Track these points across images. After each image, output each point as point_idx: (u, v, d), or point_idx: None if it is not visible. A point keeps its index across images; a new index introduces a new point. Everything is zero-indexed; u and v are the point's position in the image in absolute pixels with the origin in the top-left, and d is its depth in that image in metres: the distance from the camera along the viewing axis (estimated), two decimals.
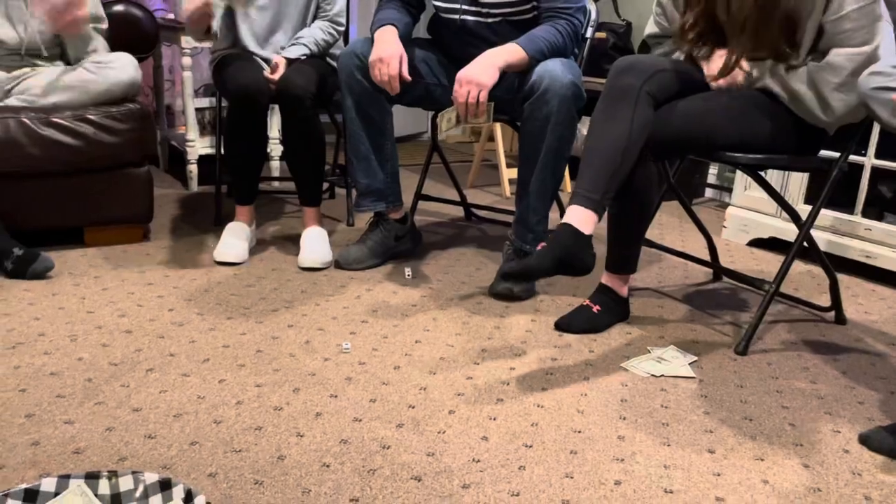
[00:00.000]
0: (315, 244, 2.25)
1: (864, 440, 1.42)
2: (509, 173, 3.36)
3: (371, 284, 2.12)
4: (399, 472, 1.25)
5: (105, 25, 2.39)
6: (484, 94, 1.91)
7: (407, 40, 2.11)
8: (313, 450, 1.30)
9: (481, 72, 1.91)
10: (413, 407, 1.47)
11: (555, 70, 1.94)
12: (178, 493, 1.07)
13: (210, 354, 1.64)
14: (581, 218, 1.64)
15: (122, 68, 2.24)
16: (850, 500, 1.25)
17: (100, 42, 2.36)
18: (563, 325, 1.89)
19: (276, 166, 3.30)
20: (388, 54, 1.98)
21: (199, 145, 3.04)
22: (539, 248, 1.65)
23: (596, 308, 1.92)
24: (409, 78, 2.01)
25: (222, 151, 2.49)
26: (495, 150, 3.45)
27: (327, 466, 1.26)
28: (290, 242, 2.44)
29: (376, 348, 1.72)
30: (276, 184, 3.26)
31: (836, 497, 1.26)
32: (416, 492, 1.20)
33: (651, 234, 2.31)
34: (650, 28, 1.97)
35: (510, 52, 1.97)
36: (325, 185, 3.07)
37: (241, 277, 2.12)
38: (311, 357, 1.66)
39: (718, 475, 1.30)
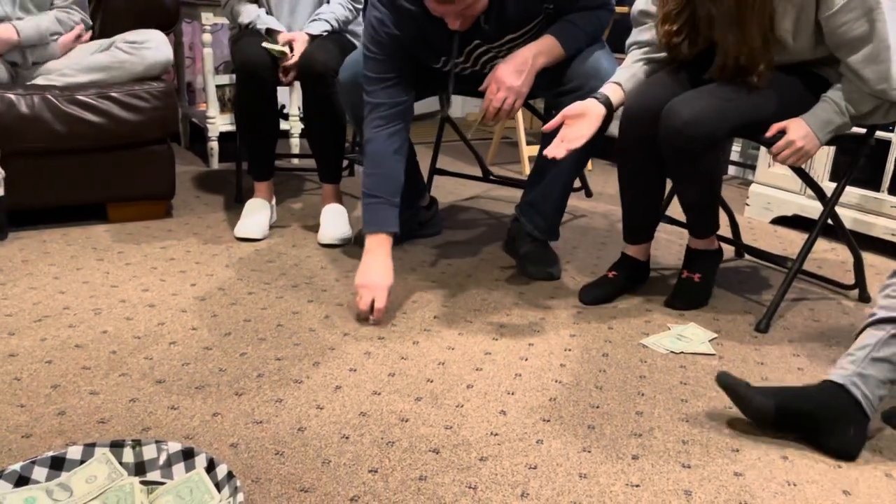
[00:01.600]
0: (335, 221, 2.26)
1: (887, 418, 1.41)
2: (529, 151, 3.34)
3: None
4: (417, 445, 1.26)
5: None
6: (520, 102, 1.79)
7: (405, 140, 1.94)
8: (333, 422, 1.32)
9: (520, 78, 1.76)
10: (431, 381, 1.48)
11: (599, 68, 1.84)
12: (200, 462, 1.09)
13: (231, 328, 1.66)
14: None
15: (157, 48, 2.26)
16: (871, 477, 1.24)
17: None
18: (582, 296, 1.92)
19: (295, 143, 3.31)
20: (375, 283, 1.73)
21: (219, 122, 3.06)
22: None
23: (612, 274, 1.93)
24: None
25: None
26: (515, 127, 3.43)
27: (346, 438, 1.27)
28: (311, 219, 2.45)
29: (395, 324, 1.73)
30: (295, 161, 3.26)
31: (857, 474, 1.25)
32: (434, 464, 1.22)
33: (673, 211, 2.29)
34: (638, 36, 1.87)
35: (548, 52, 1.81)
36: (345, 163, 3.07)
37: (261, 253, 2.13)
38: (331, 332, 1.67)
39: (737, 451, 1.30)
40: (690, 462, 1.26)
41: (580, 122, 1.71)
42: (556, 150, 1.66)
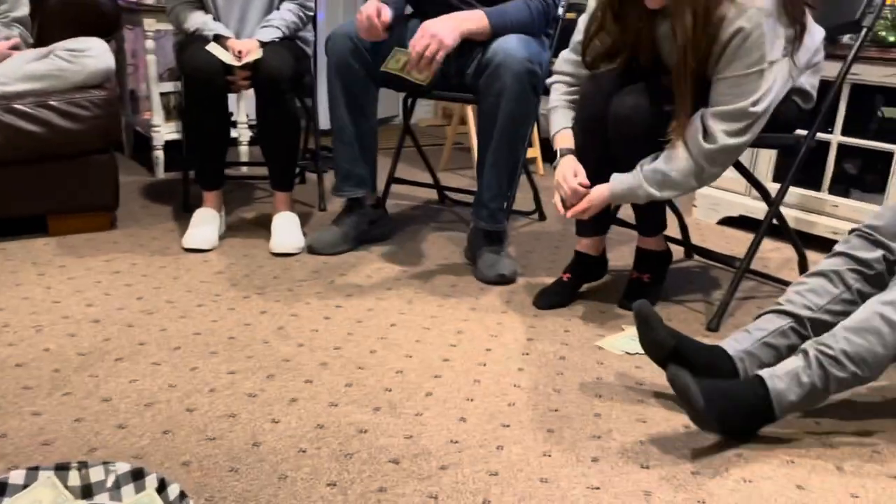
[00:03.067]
0: (287, 229, 2.22)
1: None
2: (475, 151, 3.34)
3: (345, 269, 2.10)
4: (377, 456, 1.24)
5: None
6: (441, 54, 1.89)
7: (399, 18, 2.07)
8: (289, 436, 1.29)
9: (446, 31, 1.89)
10: (390, 390, 1.46)
11: (509, 46, 1.93)
12: (150, 483, 1.05)
13: (181, 342, 1.61)
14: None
15: (98, 56, 2.20)
16: (823, 471, 1.27)
17: None
18: (537, 302, 1.92)
19: (244, 151, 3.25)
20: (368, 6, 1.94)
21: (164, 130, 2.98)
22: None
23: (566, 276, 1.95)
24: (388, 20, 1.96)
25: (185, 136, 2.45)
26: (467, 132, 3.43)
27: (304, 452, 1.24)
28: (261, 228, 2.41)
29: (351, 332, 1.70)
30: (244, 169, 3.20)
31: (809, 468, 1.28)
32: (394, 474, 1.20)
33: (623, 213, 2.31)
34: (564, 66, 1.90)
35: (475, 20, 1.97)
36: (297, 170, 3.03)
37: (210, 264, 2.08)
38: (285, 343, 1.64)
39: (694, 449, 1.31)
40: (649, 462, 1.27)
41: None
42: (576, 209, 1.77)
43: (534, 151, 3.45)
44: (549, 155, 2.98)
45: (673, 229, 2.61)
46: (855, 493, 1.21)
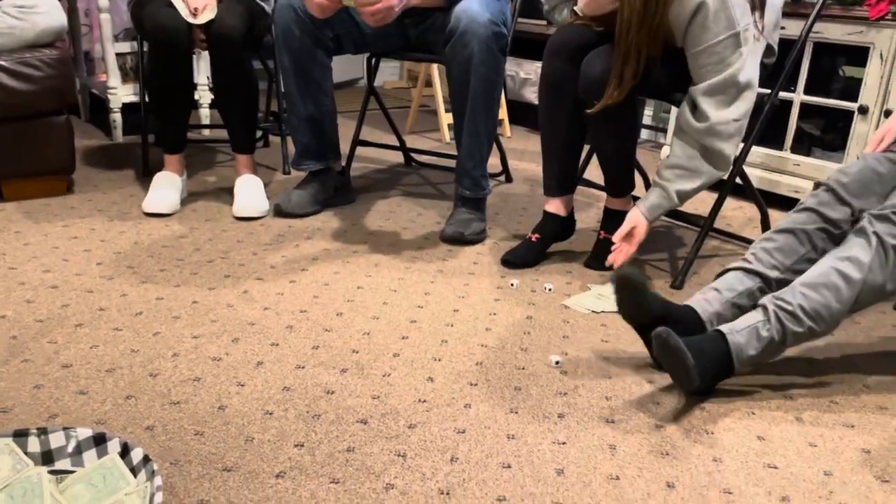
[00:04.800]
0: (250, 192, 2.18)
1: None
2: (448, 118, 3.31)
3: (310, 232, 2.08)
4: (344, 416, 1.24)
5: None
6: (388, 18, 1.75)
7: None
8: (255, 398, 1.28)
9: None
10: (357, 352, 1.45)
11: (471, 9, 1.90)
12: (113, 447, 1.03)
13: (143, 308, 1.58)
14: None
15: (49, 13, 2.11)
16: (783, 422, 1.30)
17: None
18: (505, 262, 1.92)
19: (205, 114, 3.17)
20: None
21: (121, 93, 2.89)
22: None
23: (535, 237, 1.95)
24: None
25: (146, 98, 2.38)
26: (433, 94, 3.39)
27: (270, 414, 1.24)
28: (225, 192, 2.36)
29: (317, 295, 1.69)
30: (206, 132, 3.13)
31: (770, 419, 1.31)
32: (362, 434, 1.20)
33: (589, 174, 2.32)
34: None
35: None
36: (259, 133, 2.97)
37: (173, 229, 2.04)
38: (250, 306, 1.62)
39: (658, 404, 1.34)
40: (614, 417, 1.29)
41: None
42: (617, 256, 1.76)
43: (501, 113, 3.43)
44: (516, 116, 2.99)
45: (640, 189, 2.62)
46: (813, 443, 1.25)
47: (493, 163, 2.75)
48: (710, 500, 1.09)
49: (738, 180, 2.01)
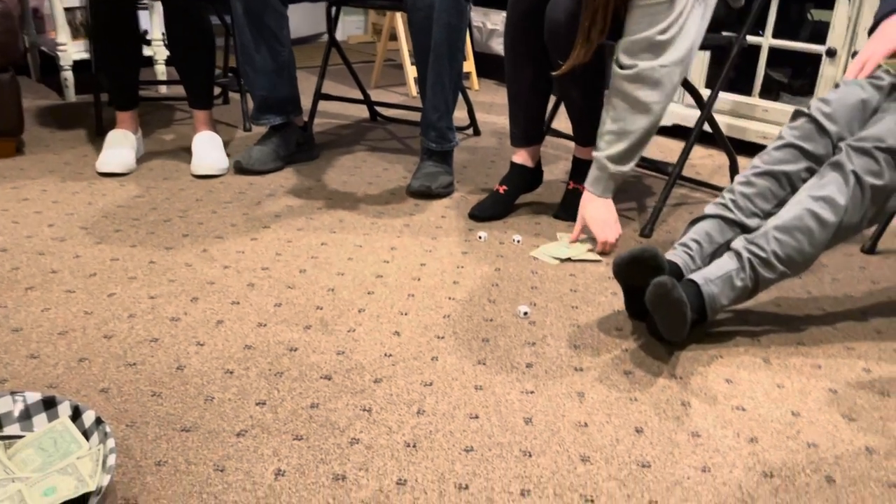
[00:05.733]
0: (208, 149, 2.11)
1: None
2: (414, 71, 3.24)
3: (272, 189, 2.02)
4: (308, 373, 1.21)
5: None
6: None
7: None
8: (215, 357, 1.24)
9: None
10: (321, 308, 1.42)
11: None
12: (64, 411, 0.99)
13: (97, 269, 1.52)
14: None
15: None
16: (750, 364, 1.30)
17: None
18: (473, 213, 1.89)
19: (161, 71, 3.06)
20: None
21: (71, 50, 2.77)
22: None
23: (502, 189, 1.91)
24: None
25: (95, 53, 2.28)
26: (398, 48, 3.31)
27: (231, 373, 1.20)
28: (183, 151, 2.29)
29: (280, 253, 1.64)
30: (163, 89, 3.03)
31: (737, 363, 1.30)
32: (326, 390, 1.17)
33: (559, 125, 2.28)
34: None
35: None
36: (218, 90, 2.88)
37: (128, 189, 1.97)
38: (210, 265, 1.57)
39: (626, 351, 1.32)
40: (582, 365, 1.27)
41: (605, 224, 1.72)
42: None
43: (468, 66, 3.36)
44: (483, 69, 2.93)
45: None
46: (781, 384, 1.24)
47: (461, 116, 2.71)
48: (678, 443, 1.08)
49: (706, 127, 1.98)
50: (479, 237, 1.77)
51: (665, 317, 1.27)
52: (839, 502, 0.98)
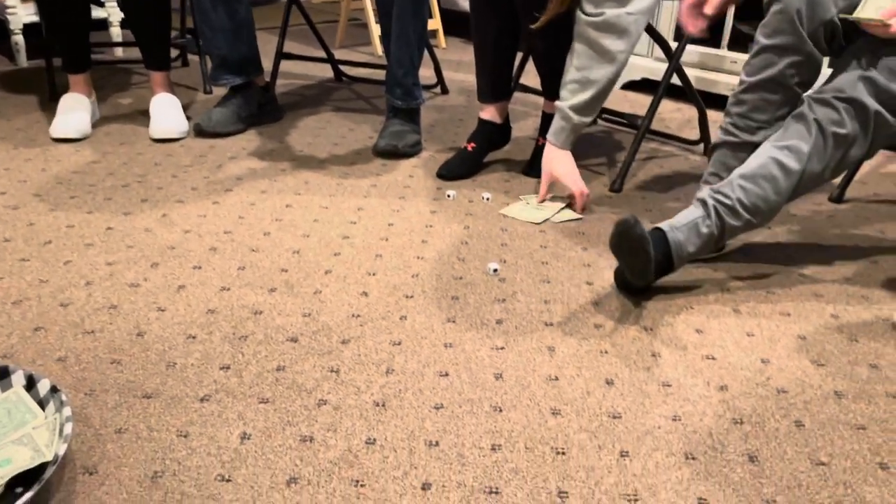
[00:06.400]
0: (167, 112, 2.04)
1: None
2: (379, 30, 3.16)
3: (234, 152, 1.96)
4: (273, 336, 1.18)
5: None
6: None
7: None
8: (177, 323, 1.21)
9: None
10: (286, 270, 1.39)
11: None
12: (17, 380, 0.96)
13: (52, 236, 1.47)
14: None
15: None
16: (721, 314, 1.30)
17: None
18: (441, 172, 1.85)
19: (116, 33, 2.95)
20: None
21: (21, 13, 2.66)
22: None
23: (470, 146, 1.88)
24: None
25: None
26: (363, 7, 3.23)
27: (193, 338, 1.17)
28: (140, 114, 2.21)
29: (243, 216, 1.60)
30: (119, 52, 2.92)
31: (707, 313, 1.30)
32: (293, 352, 1.14)
33: (527, 81, 2.24)
34: None
35: None
36: (177, 52, 2.79)
37: (84, 154, 1.90)
38: (170, 230, 1.52)
39: (597, 304, 1.31)
40: (553, 320, 1.26)
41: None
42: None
43: (434, 23, 3.29)
44: (450, 27, 2.87)
45: None
46: (750, 332, 1.24)
47: (428, 74, 2.65)
48: (648, 393, 1.08)
49: (676, 81, 1.96)
50: (448, 196, 1.74)
51: (628, 256, 1.26)
52: (808, 446, 0.99)
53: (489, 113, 1.90)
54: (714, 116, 2.38)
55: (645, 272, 1.26)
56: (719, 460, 0.96)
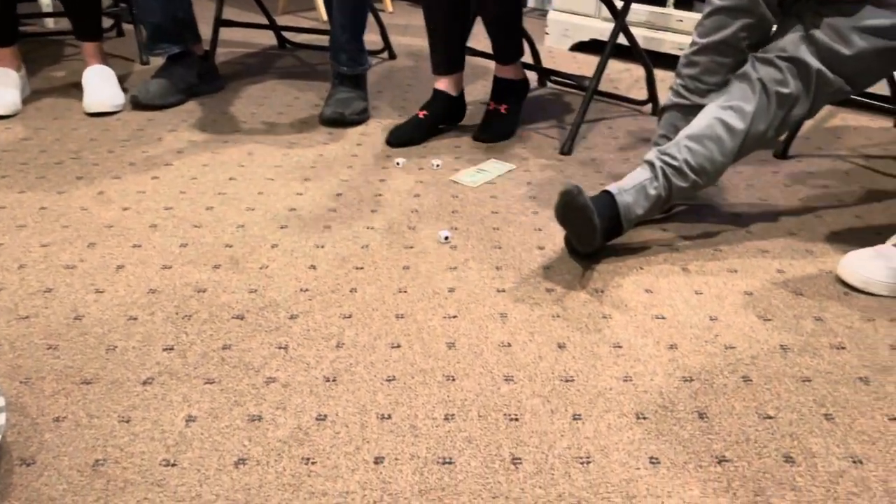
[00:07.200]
0: (101, 84, 1.95)
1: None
2: None
3: (174, 125, 1.89)
4: (219, 314, 1.15)
5: None
6: None
7: None
8: (116, 304, 1.16)
9: None
10: (231, 246, 1.35)
11: None
12: None
13: None
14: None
15: None
16: (670, 273, 1.30)
17: None
18: (390, 137, 1.82)
19: (46, 3, 2.81)
20: None
21: None
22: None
23: (422, 113, 1.85)
24: None
25: None
26: None
27: (134, 319, 1.13)
28: (74, 88, 2.12)
29: (184, 191, 1.55)
30: (50, 23, 2.79)
31: (657, 272, 1.31)
32: (239, 330, 1.11)
33: (475, 44, 2.20)
34: None
35: None
36: (111, 22, 2.67)
37: (14, 131, 1.81)
38: (107, 208, 1.46)
39: (548, 269, 1.31)
40: (505, 286, 1.25)
41: None
42: None
43: None
44: None
45: (528, 56, 2.53)
46: (699, 290, 1.25)
47: (375, 39, 2.59)
48: (600, 355, 1.08)
49: (624, 41, 1.95)
50: (397, 163, 1.71)
51: (573, 225, 1.26)
52: (756, 400, 1.00)
53: (443, 84, 1.87)
54: (661, 75, 2.38)
55: (590, 240, 1.25)
56: (670, 419, 0.96)
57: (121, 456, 0.87)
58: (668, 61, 2.50)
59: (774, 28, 1.37)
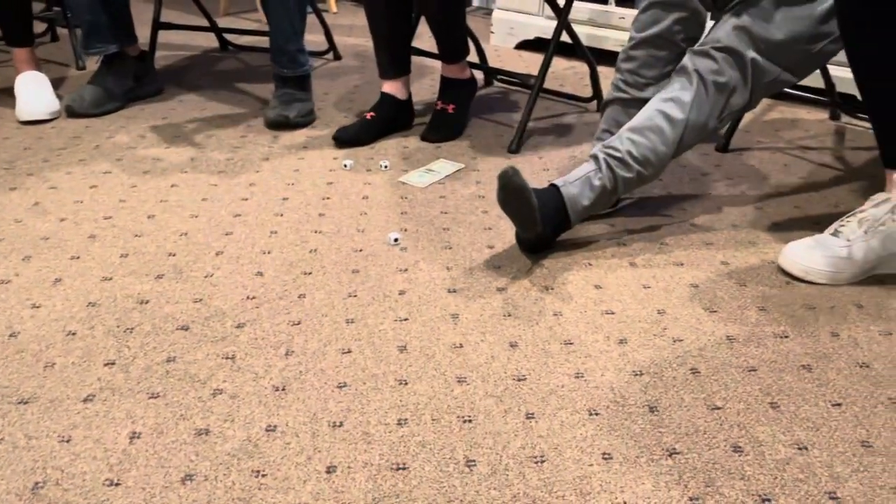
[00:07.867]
0: (34, 91, 1.89)
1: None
2: None
3: (112, 132, 1.84)
4: (162, 325, 1.12)
5: None
6: None
7: None
8: (54, 319, 1.12)
9: None
10: (173, 255, 1.31)
11: None
12: None
13: None
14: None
15: None
16: (618, 267, 1.32)
17: None
18: (337, 140, 1.80)
19: None
20: None
21: None
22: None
23: (370, 115, 1.83)
24: None
25: None
26: None
27: (73, 334, 1.09)
28: (5, 95, 2.04)
29: (124, 199, 1.50)
30: None
31: (606, 267, 1.32)
32: (184, 342, 1.08)
33: (420, 44, 2.20)
34: None
35: None
36: (45, 26, 2.58)
37: None
38: (43, 220, 1.41)
39: (498, 268, 1.31)
40: (456, 286, 1.25)
41: None
42: None
43: None
44: None
45: (473, 55, 2.54)
46: (647, 284, 1.27)
47: (319, 40, 2.57)
48: (551, 353, 1.09)
49: (567, 38, 1.96)
50: (345, 166, 1.69)
51: (512, 207, 1.25)
52: (704, 392, 1.02)
53: (391, 87, 1.86)
54: (605, 72, 2.41)
55: (531, 222, 1.25)
56: (621, 413, 0.97)
57: (61, 477, 0.84)
58: (612, 58, 2.53)
59: (712, 23, 1.40)
